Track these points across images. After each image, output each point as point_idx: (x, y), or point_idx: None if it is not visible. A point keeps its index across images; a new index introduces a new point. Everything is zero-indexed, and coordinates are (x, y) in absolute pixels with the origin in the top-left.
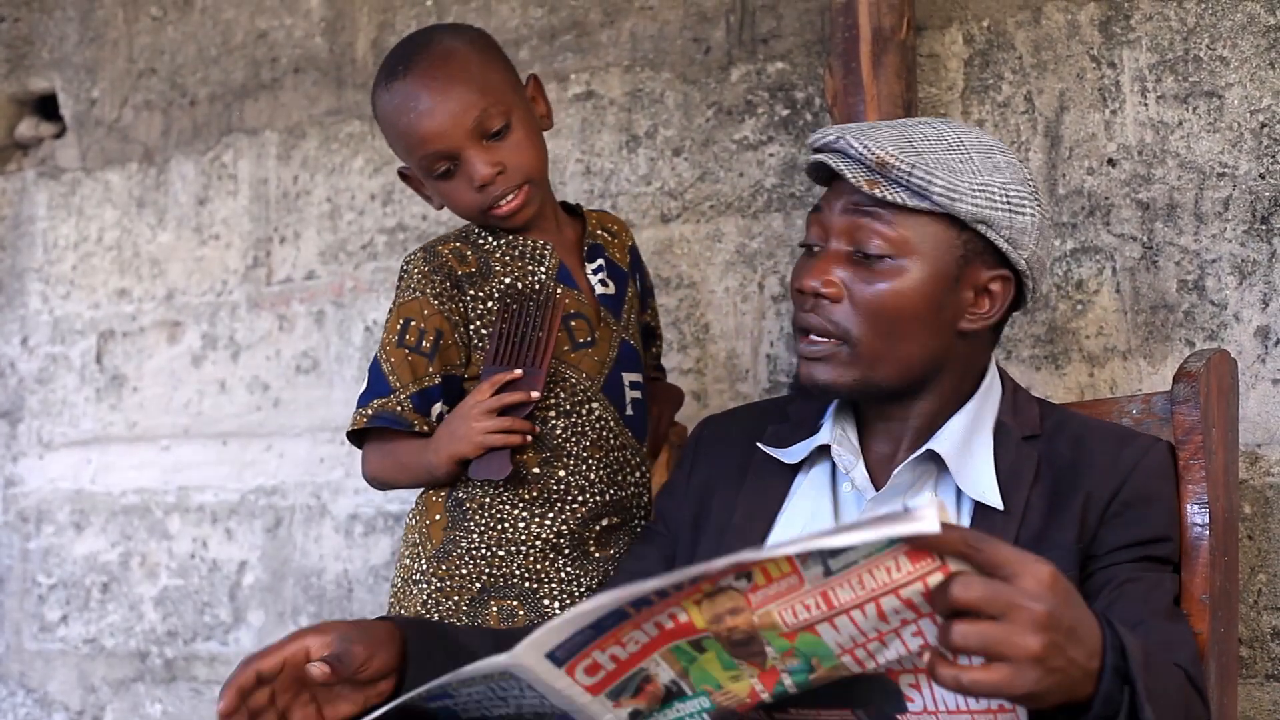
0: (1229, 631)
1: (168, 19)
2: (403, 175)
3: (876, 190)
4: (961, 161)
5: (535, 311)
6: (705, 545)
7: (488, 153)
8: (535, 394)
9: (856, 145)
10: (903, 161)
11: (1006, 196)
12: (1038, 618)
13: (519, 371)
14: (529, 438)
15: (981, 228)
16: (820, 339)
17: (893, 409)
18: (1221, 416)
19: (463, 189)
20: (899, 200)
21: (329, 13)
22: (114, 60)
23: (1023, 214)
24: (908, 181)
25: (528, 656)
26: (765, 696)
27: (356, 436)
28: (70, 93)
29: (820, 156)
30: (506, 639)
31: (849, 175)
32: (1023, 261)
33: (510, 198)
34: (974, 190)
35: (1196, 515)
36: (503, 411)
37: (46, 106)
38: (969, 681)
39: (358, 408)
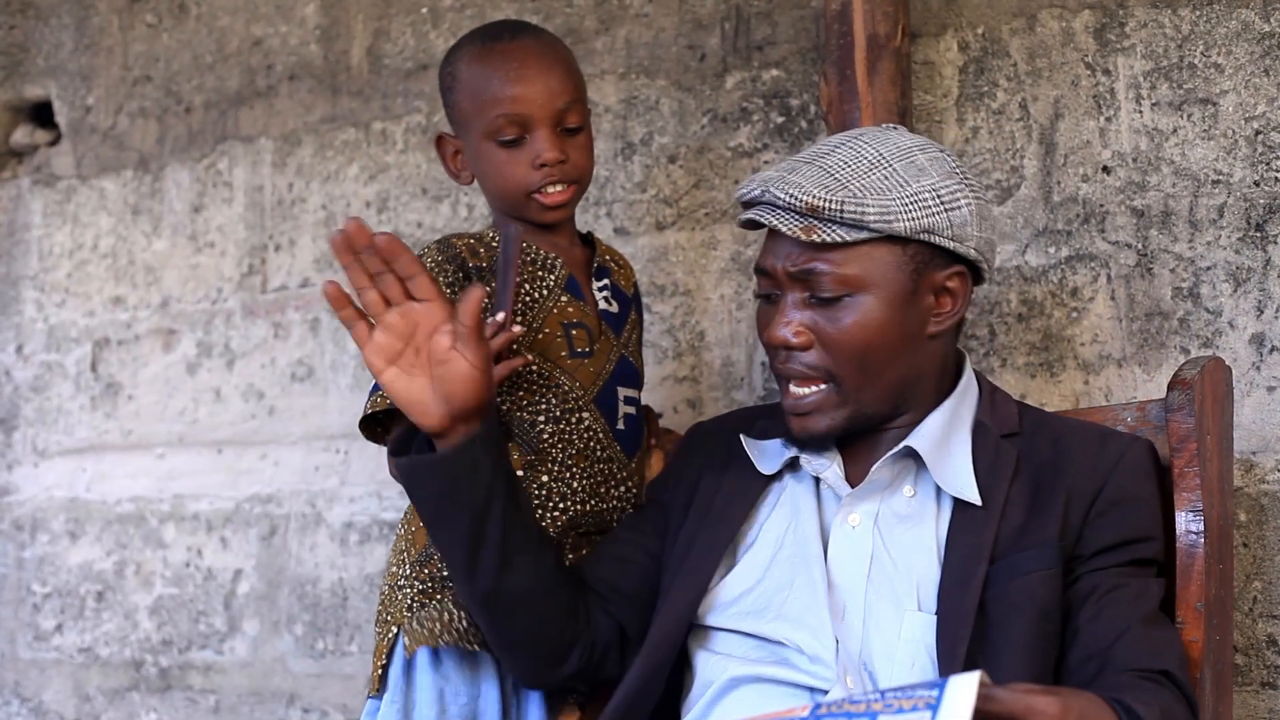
0: (1224, 639)
1: (163, 26)
2: (439, 141)
3: (814, 235)
4: (887, 179)
5: (500, 258)
6: (690, 525)
7: (559, 140)
8: (518, 328)
9: (782, 195)
10: (831, 201)
11: (938, 197)
12: None
13: (500, 315)
14: (529, 358)
15: (925, 236)
16: (806, 388)
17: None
18: (1216, 424)
19: (520, 163)
20: (838, 238)
21: (324, 20)
22: (109, 67)
23: (958, 208)
24: (840, 218)
25: None
26: None
27: (368, 429)
28: (65, 100)
29: (750, 214)
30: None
31: (784, 228)
32: (972, 252)
33: (559, 189)
34: (906, 204)
35: (1191, 523)
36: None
37: (41, 114)
38: None
39: (375, 392)
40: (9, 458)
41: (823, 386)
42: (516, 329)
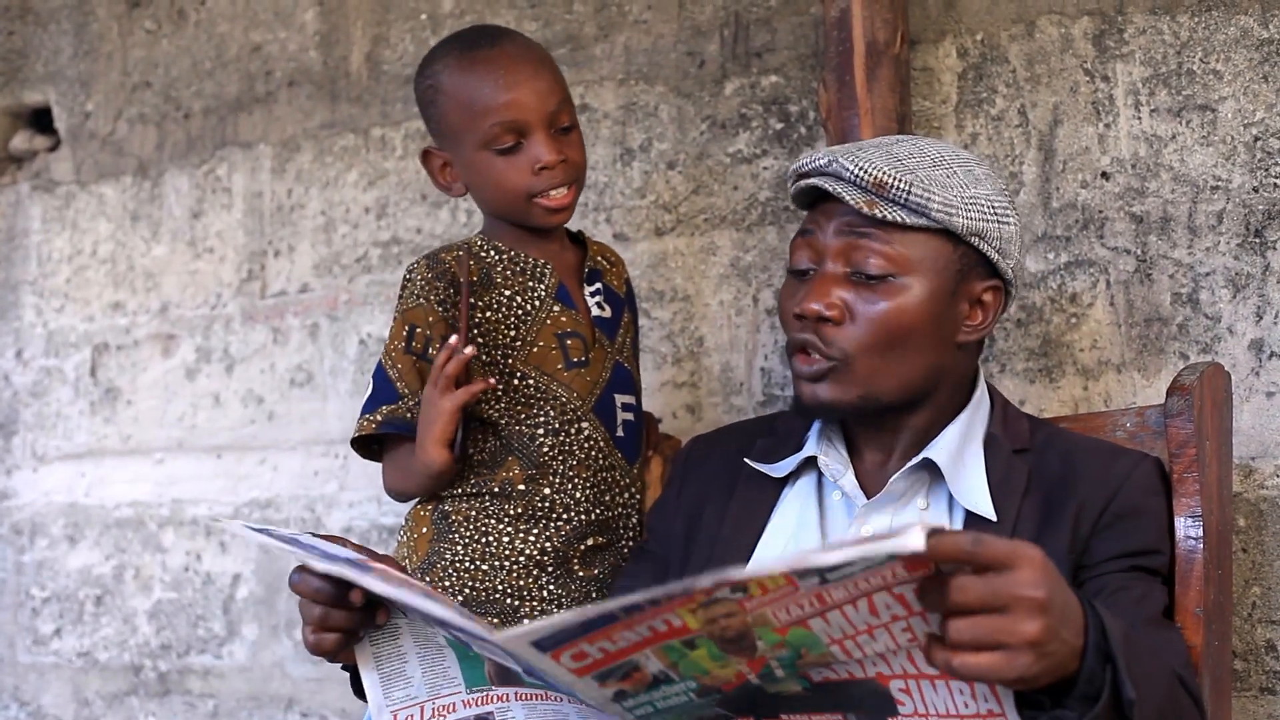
0: (1223, 645)
1: (162, 32)
2: (425, 156)
3: (876, 210)
4: (949, 176)
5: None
6: (697, 557)
7: (555, 141)
8: (469, 350)
9: (851, 167)
10: (900, 180)
11: (993, 208)
12: (1038, 604)
13: (454, 339)
14: (493, 381)
15: (976, 240)
16: (818, 359)
17: (887, 421)
18: (1215, 430)
19: (519, 169)
20: (897, 219)
21: (323, 26)
22: (108, 73)
23: (1007, 224)
24: (905, 200)
25: (512, 643)
26: (751, 678)
27: (362, 445)
28: (65, 106)
29: (812, 181)
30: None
31: (847, 198)
32: (1009, 270)
33: (562, 192)
34: (966, 204)
35: (1190, 528)
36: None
37: (41, 119)
38: (962, 665)
39: (365, 414)
40: (8, 463)
41: (832, 363)
42: (469, 351)
